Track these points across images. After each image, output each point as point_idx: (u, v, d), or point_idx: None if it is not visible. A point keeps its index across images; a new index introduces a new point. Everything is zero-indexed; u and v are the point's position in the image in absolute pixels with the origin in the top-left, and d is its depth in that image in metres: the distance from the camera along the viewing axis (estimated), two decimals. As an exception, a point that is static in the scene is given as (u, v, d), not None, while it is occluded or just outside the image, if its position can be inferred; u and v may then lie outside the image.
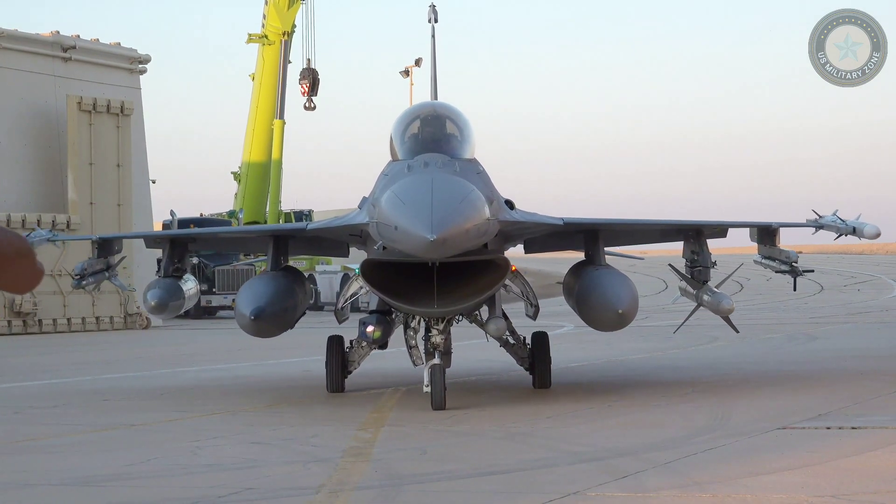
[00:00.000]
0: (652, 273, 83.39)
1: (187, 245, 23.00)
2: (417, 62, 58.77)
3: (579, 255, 21.75)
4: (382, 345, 20.94)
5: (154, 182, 52.10)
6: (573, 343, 32.18)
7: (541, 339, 21.15)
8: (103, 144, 46.82)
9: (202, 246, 26.08)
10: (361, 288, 20.95)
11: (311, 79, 60.32)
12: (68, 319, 44.83)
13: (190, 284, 22.69)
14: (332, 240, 22.24)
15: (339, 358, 21.06)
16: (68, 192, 46.09)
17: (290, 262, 22.20)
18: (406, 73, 61.61)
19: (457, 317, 19.44)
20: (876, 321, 40.35)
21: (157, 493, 12.64)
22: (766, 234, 22.28)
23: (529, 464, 13.60)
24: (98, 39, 49.63)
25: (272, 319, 19.78)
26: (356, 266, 26.13)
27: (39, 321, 44.24)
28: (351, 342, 21.14)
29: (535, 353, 21.25)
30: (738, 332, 22.93)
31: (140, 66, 50.79)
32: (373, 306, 19.91)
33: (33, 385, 24.78)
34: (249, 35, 61.11)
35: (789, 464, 13.17)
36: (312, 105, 60.66)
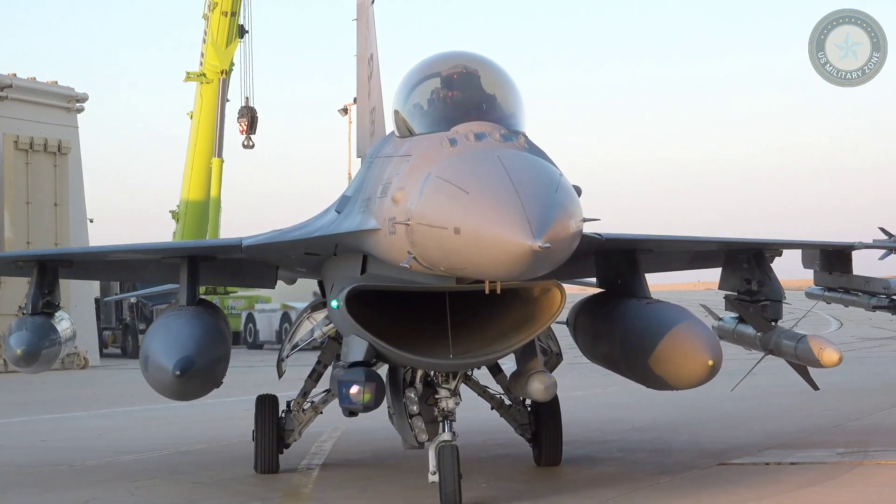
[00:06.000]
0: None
1: (58, 271, 16.95)
2: (356, 100, 58.68)
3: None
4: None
5: (92, 221, 51.70)
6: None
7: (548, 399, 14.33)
8: (40, 183, 46.49)
9: (83, 272, 18.68)
10: (315, 329, 16.19)
11: (250, 117, 60.12)
12: (4, 360, 44.35)
13: (65, 324, 16.98)
14: (263, 263, 16.54)
15: (272, 426, 15.95)
16: (4, 231, 45.71)
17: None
18: (345, 111, 61.63)
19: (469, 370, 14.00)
20: (813, 357, 40.53)
21: (95, 535, 12.56)
22: (838, 259, 18.11)
23: (468, 502, 13.59)
24: (35, 78, 49.32)
25: (203, 375, 14.20)
26: (299, 303, 24.35)
27: (-27, 361, 43.75)
28: (288, 405, 16.23)
29: (540, 419, 16.02)
30: (817, 388, 17.35)
31: (77, 104, 50.48)
32: (354, 356, 13.13)
33: (-31, 426, 24.49)
34: (187, 73, 60.83)
35: (729, 500, 13.24)
36: (251, 143, 60.42)
